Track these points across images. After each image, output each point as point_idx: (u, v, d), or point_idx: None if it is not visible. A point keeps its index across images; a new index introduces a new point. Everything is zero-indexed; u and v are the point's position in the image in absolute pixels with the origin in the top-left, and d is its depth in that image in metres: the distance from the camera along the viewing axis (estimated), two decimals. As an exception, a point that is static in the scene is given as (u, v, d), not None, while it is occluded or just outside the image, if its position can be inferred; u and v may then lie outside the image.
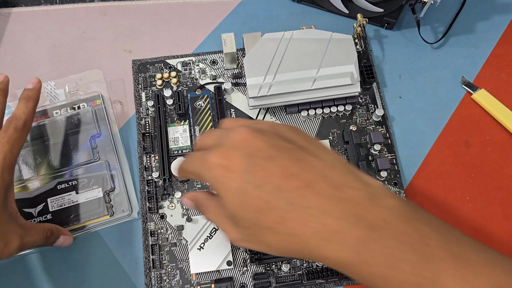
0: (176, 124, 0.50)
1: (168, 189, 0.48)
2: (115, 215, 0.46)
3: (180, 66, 0.54)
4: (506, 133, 0.52)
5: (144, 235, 0.46)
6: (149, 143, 0.49)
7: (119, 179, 0.47)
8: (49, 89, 0.51)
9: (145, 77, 0.53)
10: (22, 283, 0.45)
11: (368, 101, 0.52)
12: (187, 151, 0.49)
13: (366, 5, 0.53)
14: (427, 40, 0.56)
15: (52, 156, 0.48)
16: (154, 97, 0.51)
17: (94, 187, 0.47)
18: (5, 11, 0.57)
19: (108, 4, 0.58)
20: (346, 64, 0.48)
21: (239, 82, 0.53)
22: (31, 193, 0.46)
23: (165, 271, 0.45)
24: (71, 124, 0.49)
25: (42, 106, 0.50)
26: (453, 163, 0.50)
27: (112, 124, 0.50)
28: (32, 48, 0.55)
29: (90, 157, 0.48)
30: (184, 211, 0.47)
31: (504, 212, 0.48)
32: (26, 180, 0.47)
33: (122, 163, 0.49)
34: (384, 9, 0.53)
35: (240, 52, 0.54)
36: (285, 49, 0.48)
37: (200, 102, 0.51)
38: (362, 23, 0.50)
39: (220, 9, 0.58)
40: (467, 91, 0.54)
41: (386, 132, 0.51)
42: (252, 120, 0.36)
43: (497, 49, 0.56)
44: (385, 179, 0.49)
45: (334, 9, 0.57)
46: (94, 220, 0.46)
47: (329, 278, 0.44)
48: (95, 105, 0.50)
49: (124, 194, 0.47)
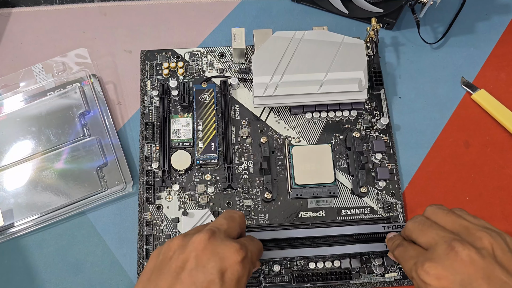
0: (180, 116, 0.50)
1: (167, 181, 0.48)
2: (109, 189, 0.47)
3: (188, 57, 0.54)
4: (506, 133, 0.51)
5: (140, 225, 0.46)
6: (151, 133, 0.49)
7: (110, 154, 0.48)
8: (37, 72, 0.52)
9: (152, 65, 0.53)
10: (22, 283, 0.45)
11: (374, 107, 0.52)
12: (189, 144, 0.49)
13: (366, 5, 0.53)
14: (427, 40, 0.56)
15: (44, 136, 0.49)
16: (159, 87, 0.51)
17: (86, 163, 0.48)
18: (5, 11, 0.57)
19: (108, 4, 0.58)
20: (355, 70, 0.47)
21: (245, 78, 0.53)
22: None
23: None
24: (59, 103, 0.50)
25: (32, 89, 0.51)
26: (453, 163, 0.50)
27: (101, 102, 0.51)
28: (32, 48, 0.55)
29: (80, 134, 0.49)
30: (181, 204, 0.47)
31: (504, 212, 0.48)
32: (20, 160, 0.48)
33: (113, 139, 0.49)
34: (383, 9, 0.53)
35: (249, 48, 0.54)
36: (295, 49, 0.48)
37: (205, 96, 0.51)
38: (376, 27, 0.50)
39: (220, 9, 0.58)
40: (467, 91, 0.54)
41: (389, 141, 0.50)
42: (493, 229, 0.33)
43: (497, 49, 0.56)
44: (383, 189, 0.48)
45: (334, 9, 0.56)
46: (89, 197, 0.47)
47: (318, 283, 0.44)
48: (87, 83, 0.51)
49: (117, 169, 0.48)
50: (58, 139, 0.49)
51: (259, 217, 0.47)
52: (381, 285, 0.45)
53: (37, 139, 0.49)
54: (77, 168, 0.48)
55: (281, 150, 0.50)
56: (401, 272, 0.45)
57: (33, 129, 0.49)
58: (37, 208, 0.46)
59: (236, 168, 0.49)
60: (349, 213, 0.47)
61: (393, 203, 0.48)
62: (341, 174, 0.49)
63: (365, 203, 0.48)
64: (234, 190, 0.48)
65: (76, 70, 0.52)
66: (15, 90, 0.51)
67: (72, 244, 0.46)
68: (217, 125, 0.50)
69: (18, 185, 0.47)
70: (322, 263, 0.45)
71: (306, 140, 0.50)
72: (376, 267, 0.45)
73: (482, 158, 0.51)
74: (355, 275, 0.45)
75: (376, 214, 0.47)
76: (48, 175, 0.47)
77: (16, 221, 0.46)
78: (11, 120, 0.49)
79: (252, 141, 0.50)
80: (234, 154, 0.49)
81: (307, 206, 0.47)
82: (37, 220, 0.46)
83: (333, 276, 0.44)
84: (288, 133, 0.51)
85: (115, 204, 0.48)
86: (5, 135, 0.49)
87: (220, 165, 0.49)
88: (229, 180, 0.48)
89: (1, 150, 0.48)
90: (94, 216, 0.47)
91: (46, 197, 0.46)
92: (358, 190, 0.47)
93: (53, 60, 0.53)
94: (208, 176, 0.48)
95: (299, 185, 0.47)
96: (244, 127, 0.51)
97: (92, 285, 0.45)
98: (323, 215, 0.47)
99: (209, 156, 0.48)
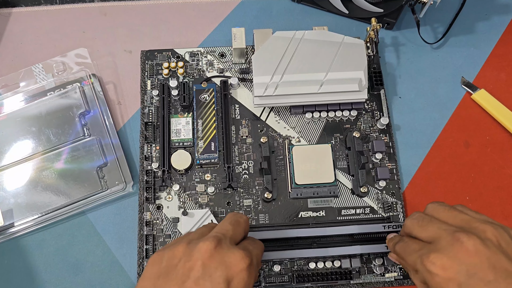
0: (180, 116, 0.50)
1: (167, 181, 0.48)
2: (109, 189, 0.47)
3: (188, 56, 0.54)
4: (506, 133, 0.51)
5: (140, 225, 0.46)
6: (151, 133, 0.49)
7: (110, 154, 0.48)
8: (37, 72, 0.52)
9: (152, 65, 0.53)
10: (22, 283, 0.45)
11: (374, 107, 0.52)
12: (189, 143, 0.49)
13: (366, 5, 0.53)
14: (427, 40, 0.56)
15: (44, 136, 0.49)
16: (159, 87, 0.51)
17: (86, 163, 0.48)
18: (5, 11, 0.57)
19: (108, 4, 0.58)
20: (355, 70, 0.47)
21: (246, 78, 0.53)
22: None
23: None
24: (59, 103, 0.50)
25: (32, 88, 0.51)
26: (453, 163, 0.50)
27: (101, 102, 0.51)
28: (32, 48, 0.55)
29: (80, 134, 0.49)
30: (181, 203, 0.47)
31: (504, 212, 0.48)
32: (20, 160, 0.48)
33: (113, 139, 0.49)
34: (384, 9, 0.53)
35: (249, 48, 0.54)
36: (295, 49, 0.48)
37: (205, 95, 0.51)
38: (376, 27, 0.50)
39: (220, 9, 0.58)
40: (467, 91, 0.54)
41: (389, 141, 0.50)
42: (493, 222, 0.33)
43: (497, 49, 0.56)
44: (383, 189, 0.48)
45: (334, 9, 0.57)
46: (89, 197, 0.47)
47: (318, 283, 0.44)
48: (87, 83, 0.51)
49: (117, 169, 0.48)
50: (58, 139, 0.49)
51: (259, 217, 0.47)
52: (381, 285, 0.45)
53: (37, 139, 0.49)
54: (77, 168, 0.48)
55: (281, 150, 0.50)
56: (402, 272, 0.45)
57: (33, 129, 0.49)
58: (37, 208, 0.46)
59: (236, 168, 0.49)
60: (349, 213, 0.47)
61: (393, 203, 0.48)
62: (341, 174, 0.49)
63: (365, 203, 0.48)
64: (234, 190, 0.48)
65: (76, 70, 0.52)
66: (15, 90, 0.51)
67: (72, 244, 0.46)
68: (217, 125, 0.50)
69: (18, 185, 0.47)
70: (323, 263, 0.45)
71: (306, 140, 0.50)
72: (376, 267, 0.45)
73: (482, 158, 0.51)
74: (355, 275, 0.45)
75: (376, 214, 0.47)
76: (48, 175, 0.47)
77: (16, 221, 0.46)
78: (11, 120, 0.49)
79: (252, 141, 0.50)
80: (234, 154, 0.49)
81: (307, 206, 0.47)
82: (37, 220, 0.46)
83: (333, 276, 0.44)
84: (288, 133, 0.51)
85: (115, 204, 0.48)
86: (5, 135, 0.49)
87: (220, 165, 0.49)
88: (229, 180, 0.48)
89: (1, 150, 0.48)
90: (94, 216, 0.47)
91: (46, 197, 0.46)
92: (358, 190, 0.47)
93: (53, 60, 0.53)
94: (208, 176, 0.48)
95: (299, 185, 0.47)
96: (244, 127, 0.51)
97: (92, 285, 0.45)
98: (323, 215, 0.47)
99: (209, 156, 0.48)
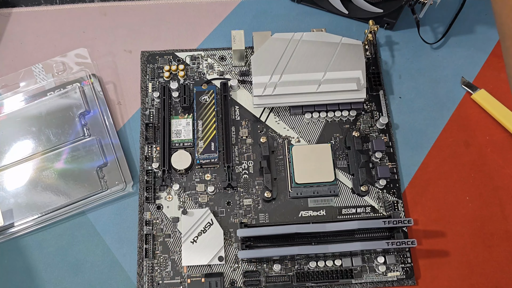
0: (180, 117, 0.50)
1: (167, 180, 0.48)
2: (109, 189, 0.47)
3: (188, 60, 0.54)
4: (506, 133, 0.51)
5: (140, 225, 0.46)
6: (152, 134, 0.50)
7: (110, 154, 0.48)
8: (37, 72, 0.52)
9: (153, 68, 0.53)
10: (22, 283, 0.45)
11: (373, 108, 0.52)
12: (189, 144, 0.49)
13: (365, 5, 0.53)
14: (427, 40, 0.56)
15: (44, 136, 0.49)
16: (160, 89, 0.51)
17: (86, 163, 0.48)
18: (5, 11, 0.57)
19: (108, 4, 0.58)
20: (353, 70, 0.48)
21: (245, 80, 0.53)
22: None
23: (157, 261, 0.45)
24: (59, 103, 0.50)
25: (32, 88, 0.51)
26: (453, 163, 0.50)
27: (101, 102, 0.51)
28: (32, 48, 0.55)
29: (80, 134, 0.49)
30: (181, 203, 0.47)
31: (504, 212, 0.48)
32: (20, 160, 0.48)
33: (113, 139, 0.49)
34: (383, 9, 0.53)
35: (249, 50, 0.54)
36: (293, 50, 0.48)
37: (206, 97, 0.51)
38: (373, 29, 0.50)
39: (220, 9, 0.58)
40: (467, 91, 0.54)
41: (389, 140, 0.50)
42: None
43: (497, 49, 0.56)
44: (384, 188, 0.48)
45: (334, 10, 0.57)
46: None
47: (319, 282, 0.44)
48: (87, 83, 0.51)
49: (117, 169, 0.48)
50: (58, 139, 0.49)
51: (259, 217, 0.47)
52: (383, 285, 0.45)
53: (37, 139, 0.49)
54: (77, 168, 0.48)
55: (281, 150, 0.50)
56: (404, 271, 0.45)
57: (33, 129, 0.49)
58: (37, 208, 0.46)
59: (236, 167, 0.49)
60: (349, 212, 0.47)
61: (394, 201, 0.48)
62: (341, 173, 0.49)
63: (366, 202, 0.48)
64: (234, 190, 0.48)
65: (76, 70, 0.52)
66: (15, 90, 0.51)
67: (72, 244, 0.46)
68: (217, 126, 0.50)
69: (18, 185, 0.47)
70: (323, 262, 0.45)
71: (305, 141, 0.50)
72: (378, 266, 0.45)
73: (482, 158, 0.51)
74: (357, 274, 0.45)
75: (377, 213, 0.47)
76: (48, 175, 0.47)
77: (16, 221, 0.46)
78: (11, 120, 0.49)
79: (252, 141, 0.50)
80: (234, 154, 0.49)
81: (308, 205, 0.47)
82: (37, 220, 0.46)
83: (334, 275, 0.44)
84: (288, 134, 0.51)
85: (115, 204, 0.48)
86: (5, 135, 0.49)
87: (220, 165, 0.49)
88: (229, 179, 0.48)
89: (1, 150, 0.48)
90: (94, 216, 0.47)
91: (46, 197, 0.46)
92: (358, 189, 0.47)
93: (53, 60, 0.53)
94: (208, 176, 0.48)
95: (299, 184, 0.47)
96: (244, 128, 0.51)
97: (92, 285, 0.45)
98: (324, 214, 0.47)
99: (209, 156, 0.48)
